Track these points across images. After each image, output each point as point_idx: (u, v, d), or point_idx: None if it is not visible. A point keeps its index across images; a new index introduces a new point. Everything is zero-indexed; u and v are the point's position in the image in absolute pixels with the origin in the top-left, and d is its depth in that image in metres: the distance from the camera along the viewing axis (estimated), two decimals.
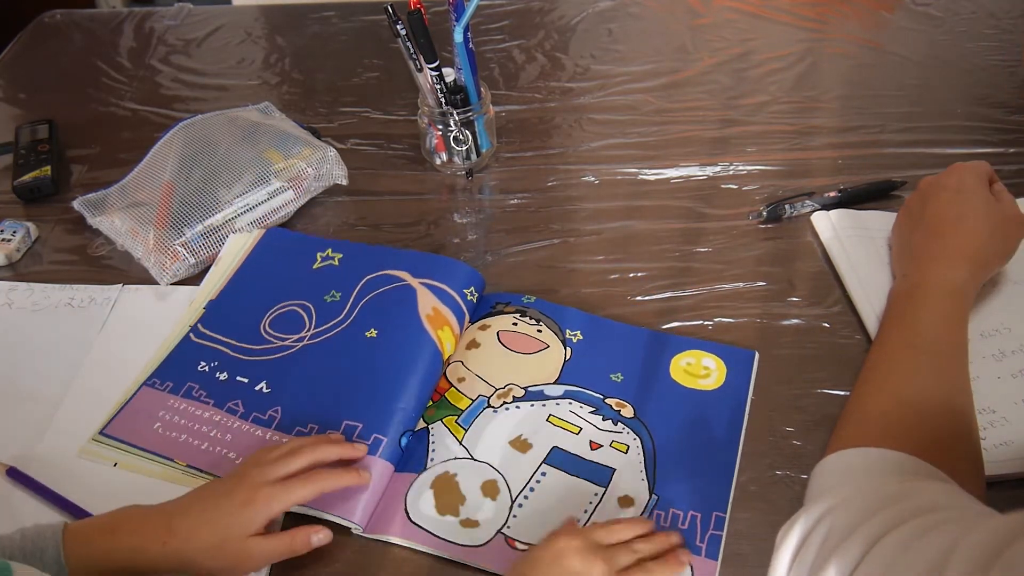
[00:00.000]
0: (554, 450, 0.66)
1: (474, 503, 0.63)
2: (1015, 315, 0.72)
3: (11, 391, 0.72)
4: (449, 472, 0.64)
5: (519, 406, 0.69)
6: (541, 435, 0.67)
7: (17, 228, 0.86)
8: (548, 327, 0.74)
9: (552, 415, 0.68)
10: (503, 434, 0.67)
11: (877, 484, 0.52)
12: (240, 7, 1.25)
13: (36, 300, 0.80)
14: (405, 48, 0.83)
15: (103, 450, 0.67)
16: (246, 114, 0.93)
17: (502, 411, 0.68)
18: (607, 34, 1.13)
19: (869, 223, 0.81)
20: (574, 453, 0.65)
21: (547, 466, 0.65)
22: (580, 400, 0.69)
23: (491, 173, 0.93)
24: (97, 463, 0.66)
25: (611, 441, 0.66)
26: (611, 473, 0.64)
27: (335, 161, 0.89)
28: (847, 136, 0.95)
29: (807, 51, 1.08)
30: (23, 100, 1.09)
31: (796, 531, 0.48)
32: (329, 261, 0.79)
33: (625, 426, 0.67)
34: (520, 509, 0.62)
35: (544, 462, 0.65)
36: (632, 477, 0.64)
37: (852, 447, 0.58)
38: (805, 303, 0.77)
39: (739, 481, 0.64)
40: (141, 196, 0.84)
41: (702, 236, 0.84)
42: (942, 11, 1.13)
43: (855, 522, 0.46)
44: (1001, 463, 0.62)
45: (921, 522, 0.43)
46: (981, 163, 0.74)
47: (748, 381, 0.70)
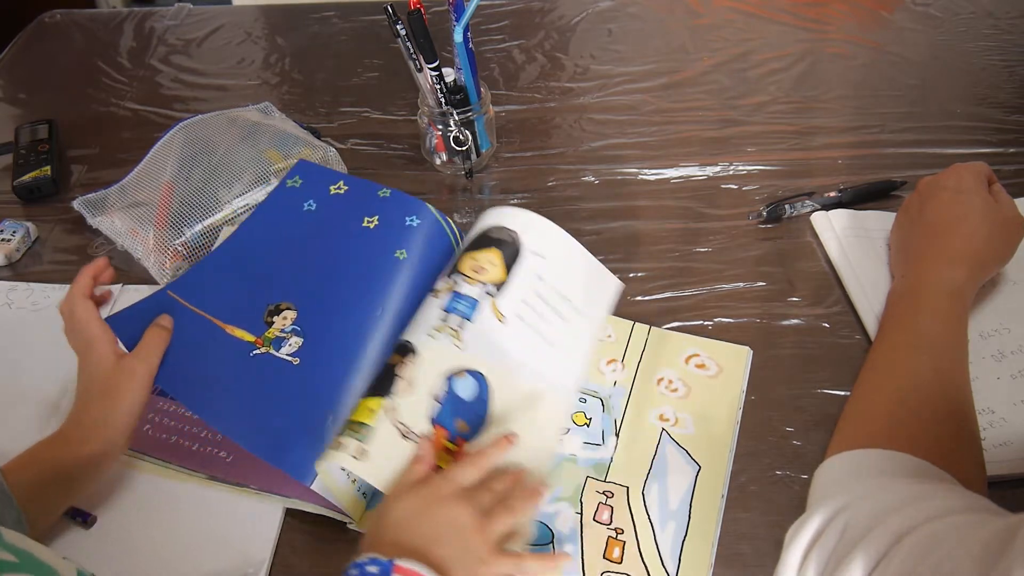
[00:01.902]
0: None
1: None
2: (1015, 315, 0.72)
3: (11, 391, 0.72)
4: None
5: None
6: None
7: (17, 228, 0.86)
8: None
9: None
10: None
11: (889, 483, 0.52)
12: (240, 7, 1.25)
13: (36, 300, 0.80)
14: (405, 48, 0.83)
15: None
16: (246, 114, 0.93)
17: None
18: (607, 34, 1.13)
19: (869, 223, 0.81)
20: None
21: None
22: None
23: (491, 173, 0.93)
24: None
25: None
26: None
27: (335, 161, 0.89)
28: (847, 136, 0.95)
29: (807, 51, 1.08)
30: (23, 100, 1.09)
31: (809, 529, 0.48)
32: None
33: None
34: None
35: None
36: None
37: (854, 448, 0.58)
38: (805, 303, 0.77)
39: (739, 481, 0.64)
40: (141, 196, 0.84)
41: (702, 236, 0.84)
42: (942, 11, 1.13)
43: (875, 518, 0.46)
44: (1001, 463, 0.62)
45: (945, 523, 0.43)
46: (980, 164, 0.74)
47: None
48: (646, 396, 0.70)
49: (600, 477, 0.65)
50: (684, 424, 0.68)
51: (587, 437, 0.67)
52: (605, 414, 0.69)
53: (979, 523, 0.42)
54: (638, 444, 0.67)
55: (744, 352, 0.72)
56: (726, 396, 0.69)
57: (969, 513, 0.45)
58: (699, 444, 0.66)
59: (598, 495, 0.64)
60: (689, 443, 0.67)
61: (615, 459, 0.66)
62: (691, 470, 0.65)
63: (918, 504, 0.46)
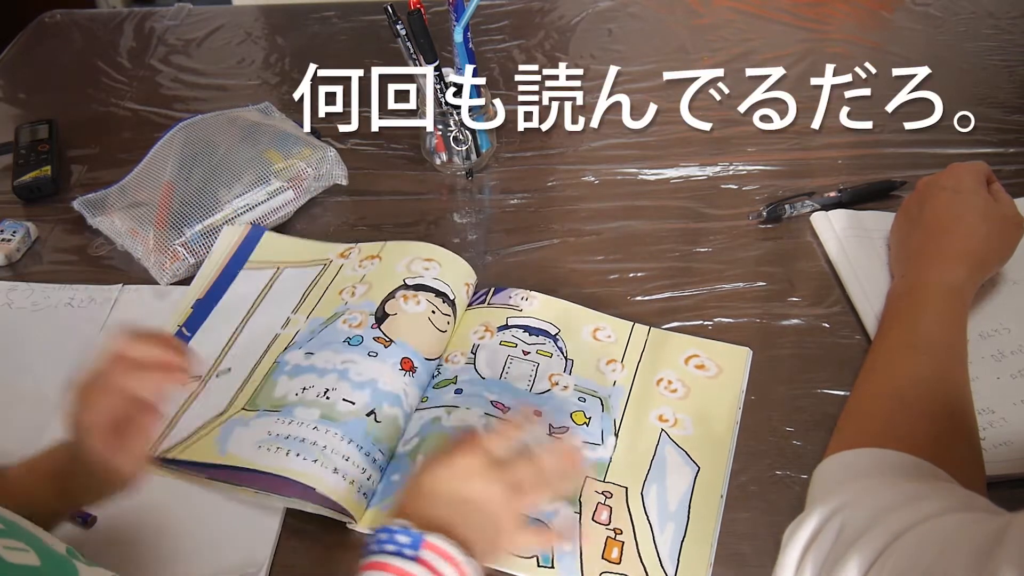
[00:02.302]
0: None
1: None
2: (1014, 315, 0.72)
3: (11, 391, 0.72)
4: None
5: None
6: None
7: (17, 228, 0.86)
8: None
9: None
10: None
11: (887, 482, 0.52)
12: (240, 7, 1.25)
13: (36, 300, 0.80)
14: (405, 48, 0.83)
15: None
16: (246, 114, 0.93)
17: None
18: (607, 34, 1.13)
19: (868, 223, 0.81)
20: None
21: None
22: None
23: (491, 173, 0.93)
24: None
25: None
26: None
27: (335, 161, 0.89)
28: (847, 136, 0.94)
29: (807, 51, 1.07)
30: (23, 100, 1.09)
31: (806, 528, 0.48)
32: None
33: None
34: None
35: None
36: None
37: (853, 447, 0.58)
38: (805, 303, 0.77)
39: (739, 481, 0.64)
40: (141, 196, 0.84)
41: (702, 236, 0.84)
42: (942, 11, 1.13)
43: (872, 517, 0.46)
44: (1001, 463, 0.62)
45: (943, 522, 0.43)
46: (979, 163, 0.74)
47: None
48: (646, 396, 0.70)
49: (599, 477, 0.65)
50: (683, 425, 0.68)
51: (586, 436, 0.67)
52: (604, 414, 0.69)
53: (974, 522, 0.42)
54: (637, 445, 0.67)
55: (743, 352, 0.72)
56: (725, 397, 0.69)
57: (966, 512, 0.45)
58: (698, 445, 0.66)
59: (597, 495, 0.63)
60: (688, 444, 0.66)
61: (614, 459, 0.66)
62: (690, 471, 0.65)
63: (915, 504, 0.46)
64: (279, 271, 0.80)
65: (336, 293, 0.76)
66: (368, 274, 0.77)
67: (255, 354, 0.72)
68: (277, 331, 0.74)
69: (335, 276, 0.78)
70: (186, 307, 0.77)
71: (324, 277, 0.78)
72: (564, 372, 0.71)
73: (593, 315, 0.76)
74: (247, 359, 0.72)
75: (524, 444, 0.56)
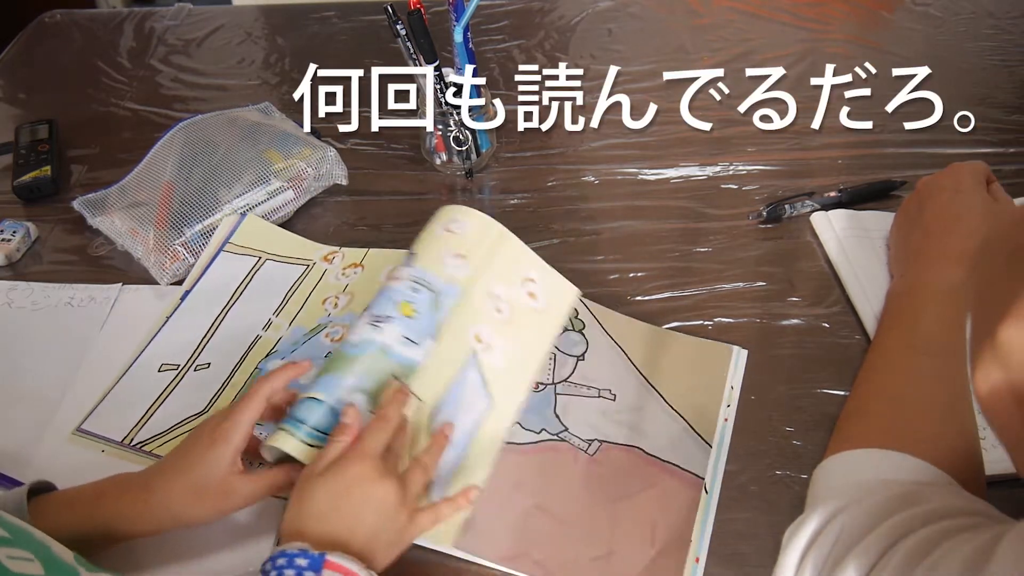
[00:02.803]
0: None
1: None
2: None
3: (11, 391, 0.72)
4: None
5: None
6: None
7: (17, 228, 0.86)
8: None
9: None
10: None
11: (887, 485, 0.52)
12: (240, 7, 1.25)
13: (36, 300, 0.80)
14: (405, 48, 0.83)
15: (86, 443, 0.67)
16: (246, 114, 0.93)
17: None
18: (607, 34, 1.13)
19: (868, 223, 0.81)
20: None
21: None
22: None
23: (491, 173, 0.93)
24: (87, 451, 0.67)
25: None
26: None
27: (335, 161, 0.89)
28: (847, 136, 0.94)
29: (807, 51, 1.07)
30: (23, 100, 1.09)
31: (806, 530, 0.48)
32: None
33: None
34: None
35: None
36: None
37: (853, 448, 0.58)
38: (805, 303, 0.77)
39: (738, 481, 0.64)
40: (141, 196, 0.84)
41: (702, 236, 0.84)
42: (942, 11, 1.13)
43: (871, 522, 0.46)
44: (1001, 463, 0.62)
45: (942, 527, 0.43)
46: (978, 163, 0.74)
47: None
48: (472, 307, 0.64)
49: (404, 379, 0.60)
50: (495, 352, 0.63)
51: (407, 331, 0.61)
52: (432, 312, 0.62)
53: (972, 528, 0.42)
54: (446, 359, 0.62)
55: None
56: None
57: (965, 517, 0.45)
58: (501, 378, 0.62)
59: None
60: (492, 374, 0.62)
61: (424, 366, 0.61)
62: (482, 404, 0.61)
63: (915, 507, 0.46)
64: (260, 261, 0.80)
65: (319, 302, 0.76)
66: (351, 284, 0.76)
67: (235, 354, 0.73)
68: (259, 332, 0.74)
69: (318, 282, 0.78)
70: (176, 300, 0.77)
71: (307, 281, 0.79)
72: (406, 266, 0.65)
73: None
74: (226, 358, 0.72)
75: (395, 427, 0.56)
